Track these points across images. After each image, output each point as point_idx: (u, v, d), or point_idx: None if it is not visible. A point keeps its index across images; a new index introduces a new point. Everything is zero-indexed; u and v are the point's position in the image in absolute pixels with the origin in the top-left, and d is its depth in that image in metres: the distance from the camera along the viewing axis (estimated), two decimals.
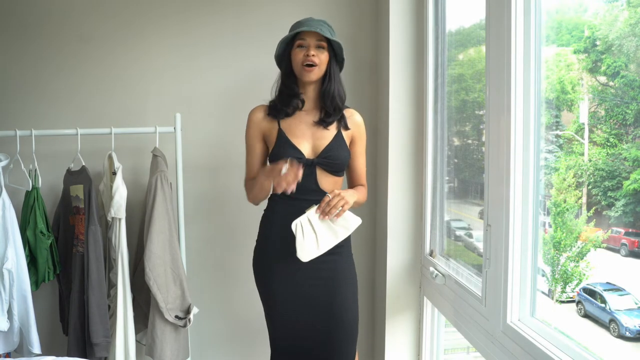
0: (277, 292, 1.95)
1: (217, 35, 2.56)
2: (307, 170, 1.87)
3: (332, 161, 1.91)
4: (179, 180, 2.37)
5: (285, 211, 1.90)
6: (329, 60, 1.90)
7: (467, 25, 2.15)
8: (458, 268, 1.99)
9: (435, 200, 2.23)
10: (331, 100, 1.91)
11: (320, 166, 1.90)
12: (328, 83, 1.91)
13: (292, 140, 1.90)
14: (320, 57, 1.87)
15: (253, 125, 1.97)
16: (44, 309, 2.51)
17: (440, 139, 2.20)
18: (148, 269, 2.15)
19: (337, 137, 1.93)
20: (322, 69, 1.89)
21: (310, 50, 1.86)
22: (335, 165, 1.92)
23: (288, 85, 1.93)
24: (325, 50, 1.89)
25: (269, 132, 1.95)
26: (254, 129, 1.97)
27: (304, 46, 1.87)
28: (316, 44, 1.87)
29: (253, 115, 1.98)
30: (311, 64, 1.86)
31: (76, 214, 2.29)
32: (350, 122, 1.97)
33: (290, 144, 1.90)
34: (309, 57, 1.85)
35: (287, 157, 1.81)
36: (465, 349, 2.34)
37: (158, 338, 2.20)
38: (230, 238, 2.64)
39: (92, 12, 2.51)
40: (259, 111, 1.97)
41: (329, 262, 1.92)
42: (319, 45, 1.87)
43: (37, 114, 2.49)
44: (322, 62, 1.88)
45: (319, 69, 1.88)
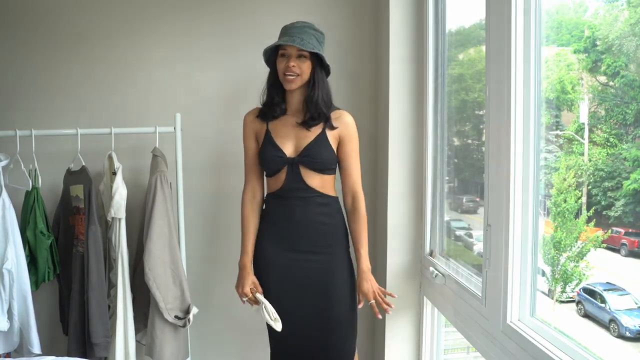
0: (272, 288, 2.01)
1: (217, 34, 2.56)
2: (291, 169, 1.96)
3: (312, 159, 1.95)
4: (179, 180, 2.37)
5: (277, 209, 2.02)
6: (313, 67, 1.93)
7: (467, 25, 2.15)
8: (458, 268, 1.99)
9: (435, 200, 2.23)
10: (315, 106, 1.95)
11: (303, 164, 1.95)
12: (312, 90, 1.95)
13: (276, 140, 1.98)
14: (302, 66, 1.91)
15: (246, 127, 2.07)
16: (44, 309, 2.50)
17: (440, 139, 2.20)
18: (148, 269, 2.15)
19: (320, 136, 1.96)
20: (304, 77, 1.93)
21: (290, 61, 1.90)
22: (317, 164, 1.96)
23: (271, 93, 2.01)
24: (307, 59, 1.91)
25: (259, 132, 2.04)
26: (247, 130, 2.07)
27: (286, 55, 1.92)
28: (297, 53, 1.91)
29: (246, 118, 2.09)
30: (291, 74, 1.90)
31: (76, 214, 2.29)
32: (338, 122, 1.98)
33: (273, 144, 1.98)
34: (289, 67, 1.90)
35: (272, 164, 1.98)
36: (465, 349, 2.34)
37: (158, 338, 2.20)
38: (230, 238, 2.63)
39: (92, 12, 2.50)
40: (252, 114, 2.07)
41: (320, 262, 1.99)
42: (300, 55, 1.91)
43: (37, 114, 2.48)
44: (304, 72, 1.92)
45: (300, 78, 1.92)
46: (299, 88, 1.96)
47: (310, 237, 1.99)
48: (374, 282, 1.95)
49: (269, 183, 2.05)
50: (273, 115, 2.00)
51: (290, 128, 1.99)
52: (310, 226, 1.98)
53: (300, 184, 1.96)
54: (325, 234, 2.00)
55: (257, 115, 2.04)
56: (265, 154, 1.99)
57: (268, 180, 2.06)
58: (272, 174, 2.01)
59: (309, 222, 1.98)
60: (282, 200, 1.99)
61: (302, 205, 1.97)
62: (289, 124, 2.00)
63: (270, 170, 2.01)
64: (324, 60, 1.94)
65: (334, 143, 1.99)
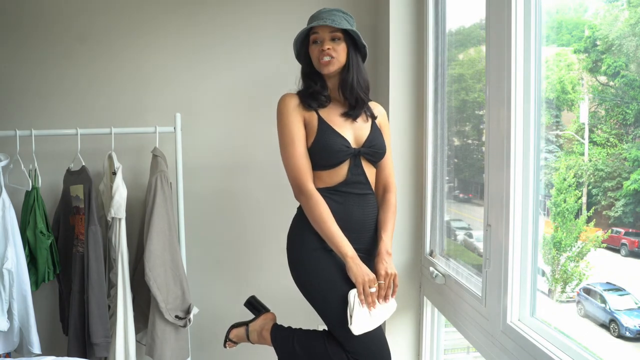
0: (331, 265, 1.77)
1: (217, 34, 2.56)
2: (354, 162, 1.80)
3: (376, 150, 1.84)
4: (179, 180, 2.37)
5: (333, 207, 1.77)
6: (348, 50, 1.83)
7: (467, 25, 2.15)
8: (458, 268, 1.99)
9: (435, 200, 2.23)
10: (350, 90, 1.81)
11: (366, 156, 1.82)
12: (347, 74, 1.82)
13: (336, 129, 1.80)
14: (337, 48, 1.79)
15: (292, 111, 1.80)
16: (44, 309, 2.51)
17: (440, 139, 2.20)
18: (148, 269, 2.15)
19: (375, 127, 1.87)
20: (340, 60, 1.81)
21: (324, 45, 1.79)
22: (379, 155, 1.85)
23: (310, 84, 1.86)
24: (341, 41, 1.81)
25: (309, 119, 1.81)
26: (294, 115, 1.80)
27: (318, 41, 1.81)
28: (330, 36, 1.80)
29: (289, 102, 1.82)
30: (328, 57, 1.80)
31: (76, 214, 2.29)
32: (376, 113, 1.91)
33: (335, 133, 1.79)
34: (324, 51, 1.79)
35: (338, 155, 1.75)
36: (465, 349, 2.34)
37: (158, 338, 2.20)
38: (230, 238, 2.64)
39: (92, 12, 2.50)
40: (294, 97, 1.84)
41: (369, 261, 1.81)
42: (333, 37, 1.80)
43: (37, 114, 2.49)
44: (340, 54, 1.81)
45: (337, 61, 1.80)
46: (336, 74, 1.83)
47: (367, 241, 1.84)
48: (391, 265, 1.76)
49: (320, 177, 1.80)
50: (320, 102, 1.82)
51: (340, 118, 1.83)
52: (366, 228, 1.83)
53: (362, 177, 1.82)
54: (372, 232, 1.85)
55: (300, 103, 1.83)
56: (330, 142, 1.76)
57: (320, 174, 1.80)
58: (331, 167, 1.79)
59: (365, 224, 1.82)
60: (338, 197, 1.79)
61: (360, 204, 1.81)
62: (337, 113, 1.83)
63: (332, 163, 1.79)
64: (360, 41, 1.82)
65: None
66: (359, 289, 1.68)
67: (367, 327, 1.69)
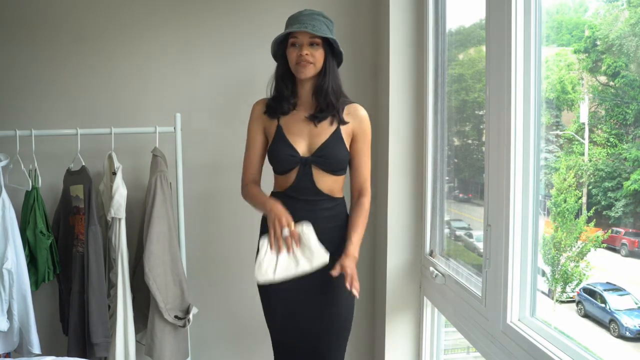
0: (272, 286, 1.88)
1: (217, 34, 2.56)
2: (303, 170, 1.86)
3: (326, 160, 1.86)
4: (179, 180, 2.37)
5: None
6: (325, 56, 1.85)
7: (467, 25, 2.15)
8: (458, 268, 1.99)
9: (435, 200, 2.23)
10: (324, 96, 1.86)
11: (316, 165, 1.86)
12: (322, 79, 1.86)
13: (288, 137, 1.88)
14: (315, 54, 1.82)
15: (255, 120, 1.96)
16: (44, 309, 2.50)
17: (440, 139, 2.20)
18: (147, 269, 2.15)
19: (335, 134, 1.87)
20: (317, 66, 1.84)
21: (303, 50, 1.81)
22: (331, 164, 1.87)
23: (280, 86, 1.90)
24: (319, 47, 1.83)
25: (270, 126, 1.93)
26: (256, 122, 1.96)
27: (297, 45, 1.83)
28: (309, 41, 1.81)
29: (256, 108, 1.97)
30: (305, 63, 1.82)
31: (76, 214, 2.29)
32: (351, 117, 1.90)
33: (286, 142, 1.88)
34: (302, 56, 1.81)
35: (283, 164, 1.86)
36: (465, 349, 2.34)
37: (157, 338, 2.20)
38: (230, 238, 2.64)
39: (92, 12, 2.50)
40: (262, 104, 1.95)
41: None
42: (312, 43, 1.82)
43: (37, 114, 2.48)
44: (317, 60, 1.83)
45: (314, 66, 1.83)
46: (311, 78, 1.86)
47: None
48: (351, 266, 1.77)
49: (277, 180, 1.95)
50: (282, 111, 1.90)
51: (302, 124, 1.89)
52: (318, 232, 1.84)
53: (310, 185, 1.87)
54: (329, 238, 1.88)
55: (265, 111, 1.93)
56: (277, 152, 1.88)
57: (276, 177, 1.96)
58: (282, 173, 1.91)
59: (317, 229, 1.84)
60: (288, 201, 1.86)
61: (309, 209, 1.87)
62: (300, 119, 1.89)
63: (281, 169, 1.90)
64: (337, 47, 1.85)
65: (348, 140, 1.90)
66: (270, 229, 1.75)
67: (272, 277, 1.73)
